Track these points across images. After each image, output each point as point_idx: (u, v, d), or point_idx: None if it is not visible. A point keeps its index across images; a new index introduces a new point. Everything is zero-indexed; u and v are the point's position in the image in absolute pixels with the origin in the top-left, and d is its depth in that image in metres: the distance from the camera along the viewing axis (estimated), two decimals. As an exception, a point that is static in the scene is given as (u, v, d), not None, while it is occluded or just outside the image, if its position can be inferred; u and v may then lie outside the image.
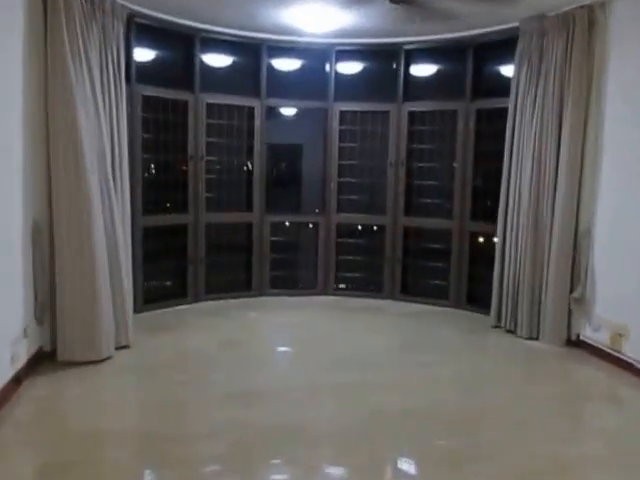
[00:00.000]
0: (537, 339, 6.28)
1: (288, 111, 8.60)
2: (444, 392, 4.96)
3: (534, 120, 6.14)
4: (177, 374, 5.19)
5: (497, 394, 4.99)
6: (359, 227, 8.09)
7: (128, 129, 6.04)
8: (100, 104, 5.43)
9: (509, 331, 6.52)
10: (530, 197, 6.17)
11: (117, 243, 5.58)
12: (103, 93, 5.57)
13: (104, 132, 5.45)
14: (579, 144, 5.86)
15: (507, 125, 6.48)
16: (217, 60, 7.50)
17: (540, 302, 6.24)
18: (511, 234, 6.44)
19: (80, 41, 5.22)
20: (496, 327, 6.68)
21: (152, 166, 7.22)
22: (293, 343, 6.30)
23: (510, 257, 6.45)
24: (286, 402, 4.68)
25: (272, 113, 7.99)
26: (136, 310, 6.53)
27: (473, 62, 7.18)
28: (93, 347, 5.35)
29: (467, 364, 5.66)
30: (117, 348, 5.61)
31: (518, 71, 6.35)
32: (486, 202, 7.22)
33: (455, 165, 7.42)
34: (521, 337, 6.35)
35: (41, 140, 5.15)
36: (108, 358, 5.41)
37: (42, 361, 5.23)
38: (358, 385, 5.03)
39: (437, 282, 7.70)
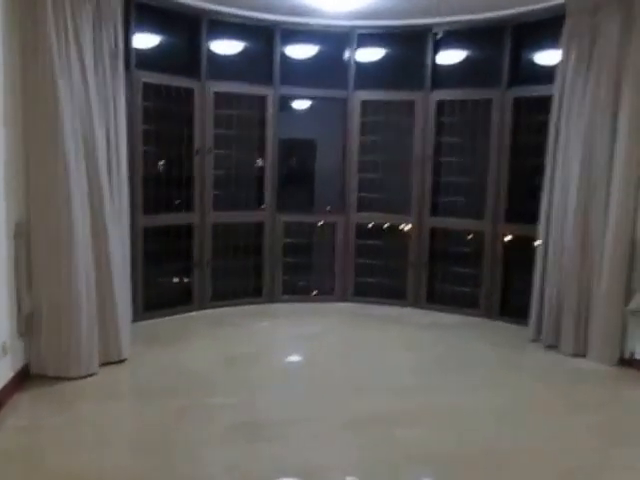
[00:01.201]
0: (584, 356, 5.59)
1: (301, 104, 7.88)
2: (476, 426, 4.24)
3: (583, 111, 5.45)
4: (174, 398, 4.51)
5: (539, 429, 4.23)
6: (383, 227, 7.33)
7: (127, 119, 5.42)
8: (92, 92, 4.76)
9: (550, 346, 5.82)
10: (578, 198, 5.48)
11: (107, 245, 4.91)
12: (97, 79, 4.90)
13: (96, 123, 4.81)
14: (638, 139, 5.13)
15: (550, 117, 5.78)
16: (225, 45, 6.83)
17: (588, 314, 5.54)
18: (555, 238, 5.73)
19: (69, 19, 4.59)
20: (535, 341, 5.99)
21: (162, 162, 6.66)
22: (307, 360, 5.60)
23: (553, 264, 5.74)
24: (298, 438, 3.99)
25: (284, 106, 7.24)
26: (135, 318, 5.98)
27: (511, 45, 6.47)
28: (70, 362, 4.73)
29: (504, 388, 4.96)
30: (107, 363, 4.97)
31: (565, 55, 5.63)
32: (524, 202, 6.52)
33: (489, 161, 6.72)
34: (565, 354, 5.65)
35: (20, 132, 4.53)
36: (91, 375, 4.77)
37: (29, 380, 4.63)
38: (380, 417, 4.33)
39: (467, 289, 7.01)
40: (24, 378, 4.61)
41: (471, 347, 5.91)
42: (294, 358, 5.65)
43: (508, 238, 6.64)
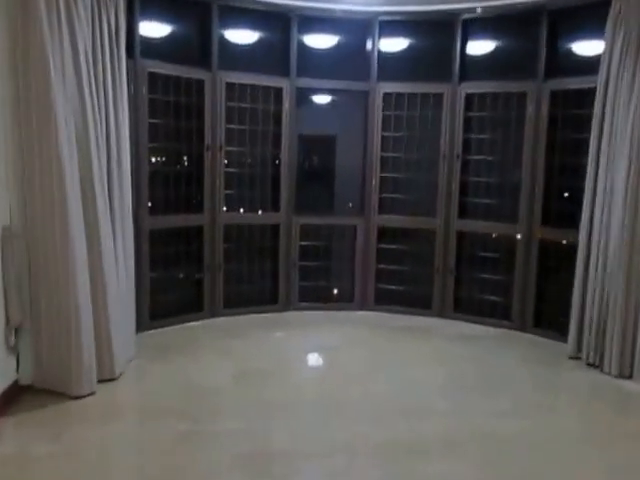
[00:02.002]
0: (630, 377, 5.04)
1: (319, 98, 7.38)
2: (514, 460, 3.74)
3: (632, 105, 4.91)
4: (178, 421, 4.05)
5: (586, 468, 3.71)
6: (405, 230, 6.83)
7: (131, 112, 5.07)
8: (85, 82, 4.29)
9: (591, 365, 5.29)
10: (626, 201, 4.94)
11: (101, 249, 4.43)
12: (96, 69, 4.45)
13: (89, 115, 4.33)
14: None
15: (595, 111, 5.26)
16: (238, 32, 6.36)
17: (636, 331, 5.00)
18: (598, 245, 5.21)
19: (62, 3, 4.09)
20: (574, 358, 5.46)
21: (184, 158, 6.26)
22: (324, 378, 5.08)
23: (596, 273, 5.21)
24: (315, 472, 3.50)
25: (301, 100, 6.75)
26: (141, 328, 5.59)
27: (548, 32, 5.93)
28: (70, 381, 4.30)
29: (542, 413, 4.45)
30: (104, 380, 4.52)
31: (611, 43, 5.11)
32: (562, 204, 5.99)
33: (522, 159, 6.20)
34: (609, 374, 5.10)
35: (12, 127, 4.11)
36: (90, 394, 4.32)
37: (19, 399, 4.21)
38: (406, 447, 3.84)
39: (497, 299, 6.50)
40: (14, 396, 4.17)
41: (504, 363, 5.41)
42: (310, 375, 5.12)
43: (544, 243, 6.11)
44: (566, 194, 5.96)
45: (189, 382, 4.72)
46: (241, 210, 6.60)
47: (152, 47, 5.72)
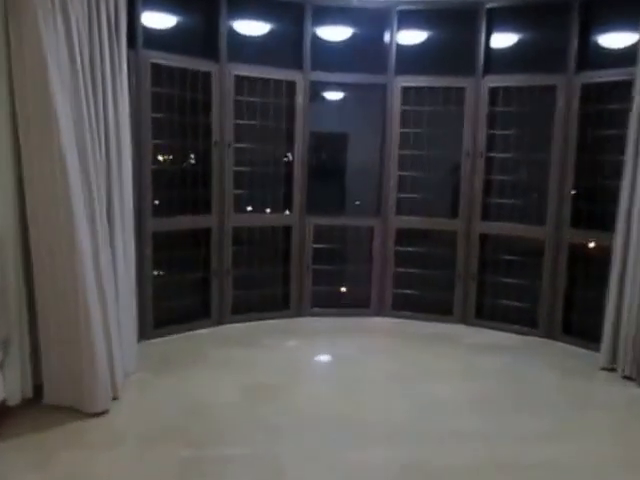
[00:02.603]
0: (671, 392, 4.64)
1: (333, 95, 7.00)
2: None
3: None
4: (180, 446, 3.69)
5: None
6: (424, 232, 6.46)
7: (133, 107, 4.79)
8: (80, 72, 3.93)
9: (627, 377, 4.91)
10: (668, 201, 4.52)
11: (98, 254, 4.06)
12: (92, 59, 4.09)
13: (84, 110, 3.96)
14: None
15: (634, 105, 4.84)
16: (248, 22, 5.99)
17: (678, 343, 4.59)
18: (635, 248, 4.80)
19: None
20: (607, 370, 5.09)
21: (192, 156, 5.95)
22: (339, 393, 4.65)
23: (634, 279, 4.82)
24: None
25: (315, 96, 6.40)
26: (144, 336, 5.32)
27: (580, 22, 5.54)
28: (82, 397, 4.00)
29: (581, 435, 4.06)
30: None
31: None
32: (595, 205, 5.58)
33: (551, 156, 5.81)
34: (647, 388, 4.71)
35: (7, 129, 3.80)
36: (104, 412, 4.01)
37: (5, 420, 3.83)
38: (429, 476, 3.46)
39: (522, 305, 6.12)
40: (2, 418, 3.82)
41: (534, 376, 5.03)
42: (323, 391, 4.68)
43: (574, 247, 5.73)
44: (600, 194, 5.55)
45: (193, 399, 4.36)
46: (250, 209, 6.26)
47: (156, 37, 5.38)
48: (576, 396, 4.68)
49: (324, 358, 5.44)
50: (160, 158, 5.65)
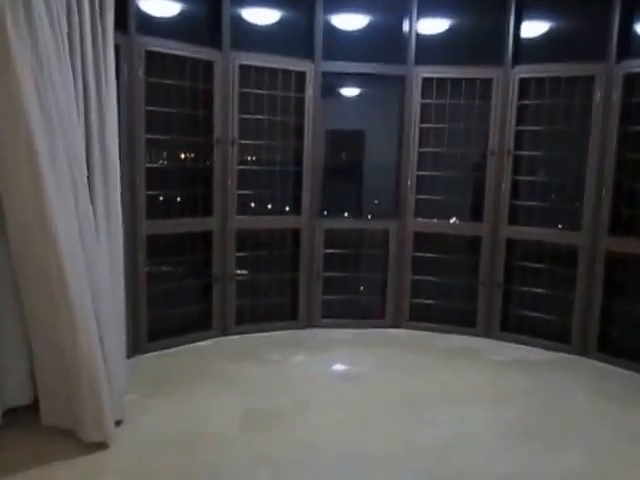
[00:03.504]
0: None
1: (348, 85, 6.47)
2: None
3: None
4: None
5: None
6: (445, 237, 5.95)
7: (124, 98, 4.46)
8: (53, 60, 3.40)
9: (676, 403, 4.35)
10: None
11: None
12: (72, 45, 3.58)
13: (60, 99, 3.44)
14: None
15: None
16: (254, 7, 5.48)
17: None
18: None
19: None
20: (653, 393, 4.52)
21: (190, 153, 5.46)
22: (353, 421, 4.09)
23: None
24: None
25: (327, 87, 5.87)
26: (138, 350, 4.92)
27: (622, 4, 5.00)
28: (82, 423, 3.54)
29: (630, 475, 3.50)
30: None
31: None
32: (636, 209, 5.05)
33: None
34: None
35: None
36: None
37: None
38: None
39: (553, 317, 5.59)
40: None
41: (570, 400, 4.50)
42: (334, 418, 4.10)
43: (612, 255, 5.20)
44: None
45: (188, 428, 3.84)
46: (254, 209, 5.77)
47: (152, 22, 4.92)
48: (620, 424, 4.13)
49: (334, 376, 4.90)
50: (154, 154, 5.14)
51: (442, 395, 4.51)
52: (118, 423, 3.71)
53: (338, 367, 5.12)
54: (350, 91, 6.39)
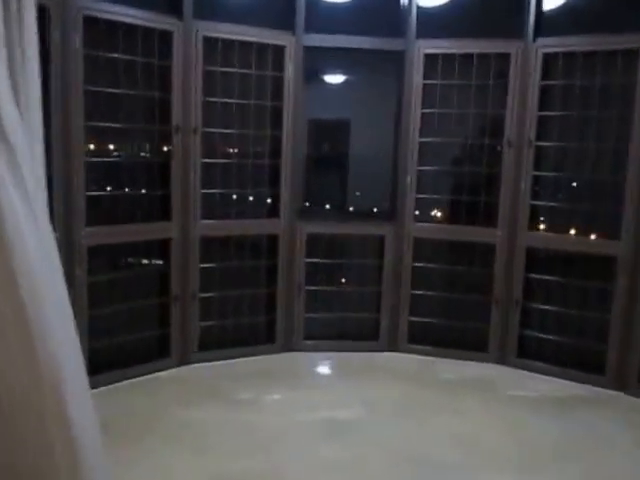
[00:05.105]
0: None
1: (335, 64, 5.51)
2: None
3: None
4: None
5: None
6: (452, 244, 5.08)
7: (58, 75, 3.71)
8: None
9: None
10: None
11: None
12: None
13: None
14: None
15: None
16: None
17: None
18: None
19: None
20: None
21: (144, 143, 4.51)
22: None
23: None
24: None
25: (310, 66, 4.94)
26: None
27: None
28: None
29: None
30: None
31: None
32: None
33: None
34: None
35: None
36: None
37: None
38: None
39: (582, 343, 4.66)
40: None
41: (619, 458, 3.56)
42: None
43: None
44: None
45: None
46: (223, 212, 4.84)
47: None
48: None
49: (320, 426, 3.90)
50: (96, 145, 4.19)
51: (455, 453, 3.55)
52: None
53: (323, 408, 4.14)
54: (336, 72, 5.45)
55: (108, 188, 4.28)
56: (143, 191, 4.42)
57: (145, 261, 4.55)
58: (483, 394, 4.39)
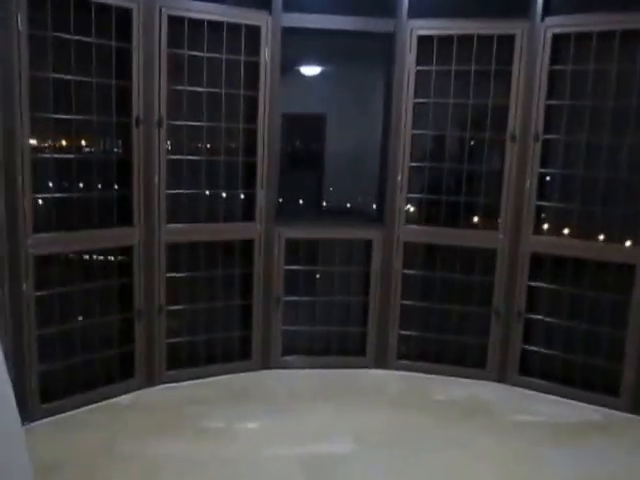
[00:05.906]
0: None
1: (316, 48, 5.01)
2: None
3: None
4: None
5: None
6: (447, 249, 4.61)
7: None
8: None
9: None
10: None
11: None
12: None
13: None
14: None
15: None
16: None
17: None
18: None
19: None
20: None
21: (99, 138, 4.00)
22: None
23: None
24: None
25: (289, 52, 4.46)
26: (25, 417, 3.30)
27: None
28: None
29: None
30: None
31: None
32: None
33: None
34: None
35: None
36: None
37: None
38: None
39: (593, 360, 4.20)
40: None
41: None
42: None
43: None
44: None
45: None
46: (191, 215, 4.36)
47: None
48: None
49: (300, 467, 3.38)
50: (44, 140, 3.68)
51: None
52: None
53: (303, 445, 3.60)
54: (315, 62, 4.96)
55: (59, 189, 3.77)
56: (100, 192, 3.90)
57: (104, 272, 4.02)
58: (482, 419, 3.95)
